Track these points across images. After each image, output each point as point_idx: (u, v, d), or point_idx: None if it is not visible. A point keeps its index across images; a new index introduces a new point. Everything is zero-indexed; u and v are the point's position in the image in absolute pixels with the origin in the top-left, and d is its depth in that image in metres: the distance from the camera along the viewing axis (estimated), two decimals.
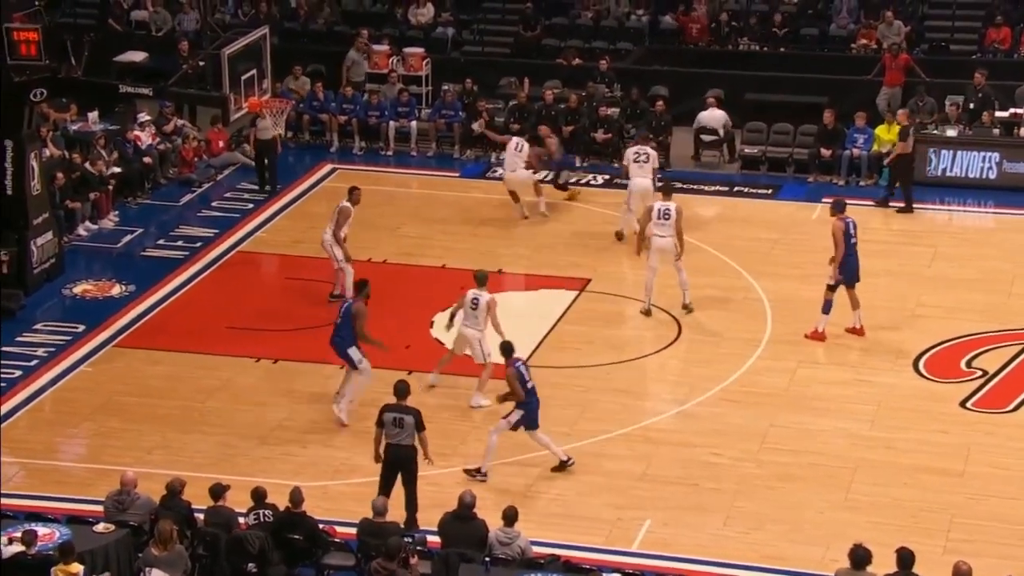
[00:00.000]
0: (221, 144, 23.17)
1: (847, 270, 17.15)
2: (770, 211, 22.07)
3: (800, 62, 25.50)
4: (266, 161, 22.27)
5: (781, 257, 20.15)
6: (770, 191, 22.90)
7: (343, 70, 25.14)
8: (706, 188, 22.97)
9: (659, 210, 17.62)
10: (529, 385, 14.42)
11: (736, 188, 22.99)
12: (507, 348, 14.67)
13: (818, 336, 17.15)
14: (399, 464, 13.46)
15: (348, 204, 18.16)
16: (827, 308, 17.11)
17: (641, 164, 19.96)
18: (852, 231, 17.12)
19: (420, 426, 13.46)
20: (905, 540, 12.22)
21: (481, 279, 16.22)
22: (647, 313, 17.88)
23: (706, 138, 23.93)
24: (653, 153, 20.37)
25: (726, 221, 21.70)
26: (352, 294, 16.37)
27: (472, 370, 16.34)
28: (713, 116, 23.78)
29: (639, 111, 24.06)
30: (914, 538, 12.80)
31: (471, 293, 16.11)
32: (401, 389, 13.63)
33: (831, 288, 17.18)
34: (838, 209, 17.23)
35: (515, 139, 21.08)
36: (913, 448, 15.27)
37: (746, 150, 23.89)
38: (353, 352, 15.53)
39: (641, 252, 18.04)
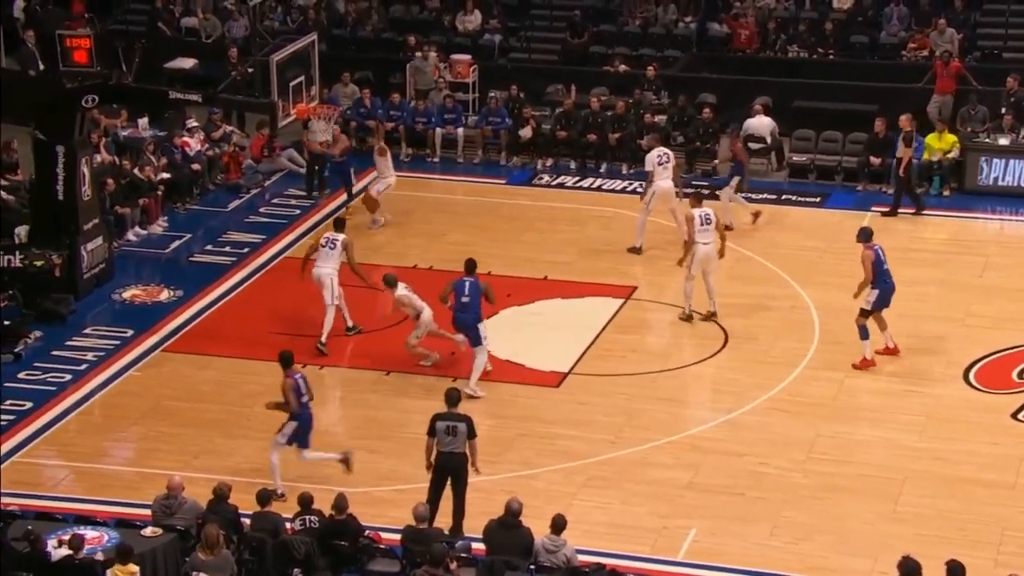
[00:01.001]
0: (262, 150, 23.20)
1: (882, 297, 16.79)
2: (818, 220, 21.97)
3: (850, 70, 25.37)
4: (317, 167, 22.37)
5: (829, 266, 20.04)
6: (818, 199, 22.79)
7: (408, 78, 25.19)
8: (753, 196, 22.83)
9: (701, 216, 17.55)
10: (304, 399, 14.18)
11: (784, 196, 22.89)
12: (286, 359, 14.29)
13: (868, 364, 16.82)
14: (451, 472, 13.46)
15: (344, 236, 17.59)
16: (865, 333, 16.81)
17: (665, 166, 19.90)
18: (883, 257, 16.81)
19: (472, 433, 13.46)
20: (955, 553, 12.11)
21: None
22: (687, 319, 17.83)
23: (754, 146, 23.82)
24: (672, 154, 20.28)
25: (773, 229, 21.60)
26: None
27: (520, 376, 16.34)
28: (761, 124, 23.69)
29: (686, 118, 24.02)
30: (964, 551, 12.68)
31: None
32: (452, 397, 13.63)
33: (865, 314, 16.84)
34: (865, 237, 16.90)
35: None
36: (963, 460, 15.14)
37: (794, 158, 23.79)
38: (481, 328, 16.02)
39: (685, 262, 17.89)
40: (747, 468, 15.04)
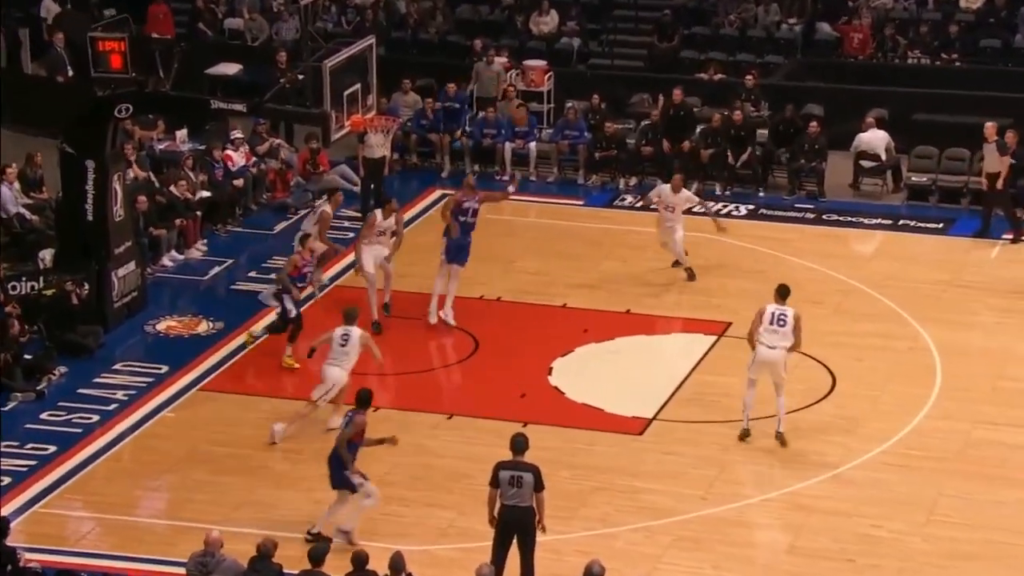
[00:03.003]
0: (319, 165, 23.48)
1: None
2: (941, 249, 21.85)
3: (978, 78, 25.27)
4: (372, 185, 22.61)
5: (953, 302, 19.92)
6: (941, 225, 22.67)
7: (471, 86, 25.43)
8: (866, 221, 22.80)
9: (772, 315, 16.27)
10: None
11: (901, 222, 22.80)
12: (364, 398, 14.57)
13: None
14: (516, 528, 13.52)
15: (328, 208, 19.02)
16: None
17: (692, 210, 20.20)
18: None
19: (539, 485, 13.51)
20: None
21: (350, 316, 16.59)
22: (742, 437, 16.47)
23: (866, 164, 23.78)
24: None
25: (889, 259, 21.51)
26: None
27: (598, 423, 16.39)
28: (875, 139, 23.63)
29: (792, 132, 24.02)
30: None
31: (339, 331, 16.45)
32: (519, 443, 13.69)
33: None
34: None
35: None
36: None
37: (913, 178, 23.69)
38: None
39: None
40: (857, 531, 14.94)
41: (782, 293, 16.56)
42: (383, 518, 15.08)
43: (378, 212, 19.42)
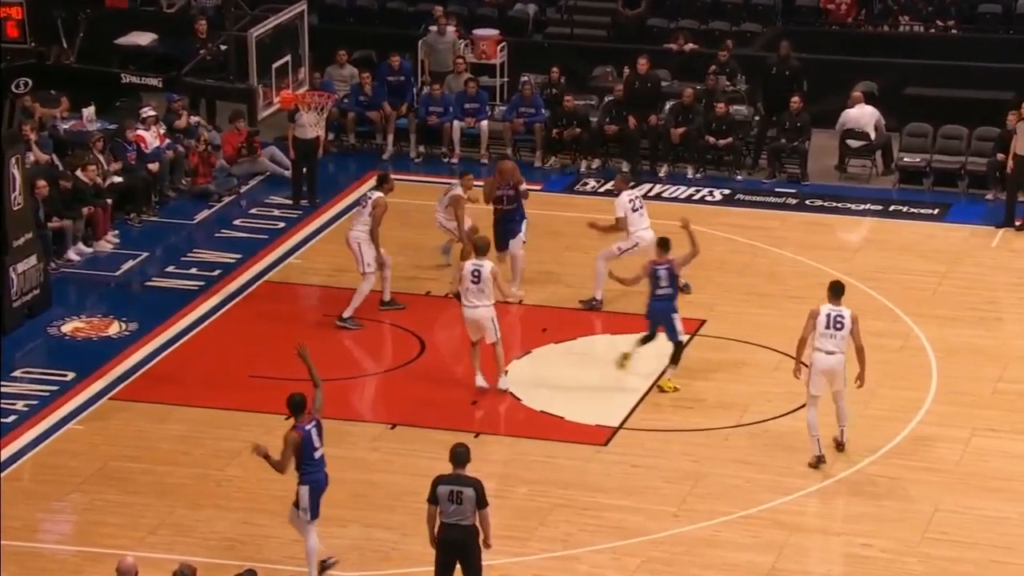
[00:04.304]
0: (237, 148, 23.36)
1: None
2: (936, 237, 21.95)
3: (977, 48, 25.38)
4: (305, 169, 22.53)
5: (950, 296, 20.02)
6: (936, 211, 22.78)
7: (419, 59, 25.38)
8: (853, 207, 22.88)
9: (829, 316, 16.07)
10: (318, 454, 14.05)
11: (893, 207, 22.89)
12: (297, 404, 14.14)
13: None
14: (457, 549, 13.51)
15: (381, 194, 18.97)
16: None
17: (641, 213, 19.45)
18: None
19: (482, 501, 13.49)
20: None
21: (482, 248, 17.54)
22: (815, 465, 16.19)
23: (853, 143, 23.87)
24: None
25: (879, 249, 21.60)
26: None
27: (558, 432, 16.38)
28: (863, 115, 23.72)
29: (788, 78, 23.80)
30: None
31: (470, 265, 17.34)
32: (459, 455, 13.63)
33: None
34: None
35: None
36: None
37: (905, 159, 23.79)
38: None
39: (800, 372, 16.47)
40: (844, 550, 14.98)
41: (836, 291, 16.23)
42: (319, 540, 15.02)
43: (459, 187, 19.79)
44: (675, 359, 17.73)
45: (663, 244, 17.80)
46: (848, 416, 16.47)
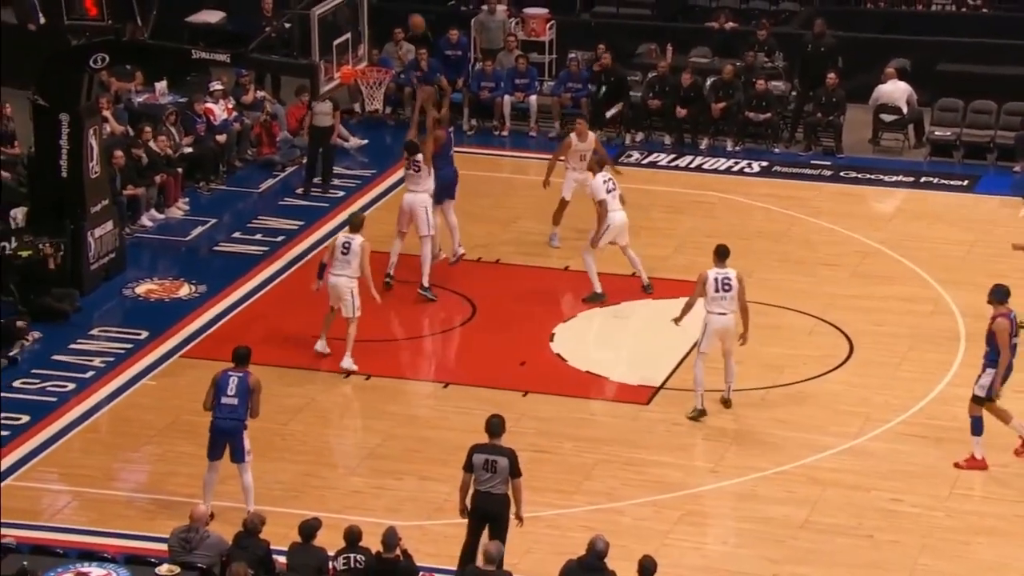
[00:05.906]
0: (300, 120, 23.33)
1: (1006, 377, 15.49)
2: (966, 207, 21.83)
3: (1006, 26, 25.14)
4: (321, 150, 22.38)
5: (978, 263, 19.90)
6: (966, 183, 22.64)
7: (472, 36, 25.33)
8: (886, 179, 22.75)
9: (716, 280, 16.08)
10: (223, 400, 14.51)
11: (924, 179, 22.76)
12: (241, 356, 14.71)
13: (977, 464, 15.48)
14: (490, 517, 13.44)
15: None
16: (979, 428, 15.43)
17: (614, 195, 18.78)
18: (1015, 329, 15.42)
19: (516, 471, 13.42)
20: None
21: (356, 225, 17.22)
22: (696, 418, 16.28)
23: (887, 118, 23.72)
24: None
25: (911, 219, 21.49)
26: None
27: (602, 392, 16.38)
28: (896, 91, 23.57)
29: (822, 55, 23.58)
30: None
31: (342, 237, 17.03)
32: (495, 426, 13.56)
33: (982, 401, 15.36)
34: (999, 298, 15.44)
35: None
36: None
37: (936, 133, 23.64)
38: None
39: (681, 321, 16.56)
40: (876, 505, 14.97)
41: (721, 254, 16.26)
42: (375, 492, 15.12)
43: (573, 135, 19.61)
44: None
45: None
46: (736, 374, 16.45)
